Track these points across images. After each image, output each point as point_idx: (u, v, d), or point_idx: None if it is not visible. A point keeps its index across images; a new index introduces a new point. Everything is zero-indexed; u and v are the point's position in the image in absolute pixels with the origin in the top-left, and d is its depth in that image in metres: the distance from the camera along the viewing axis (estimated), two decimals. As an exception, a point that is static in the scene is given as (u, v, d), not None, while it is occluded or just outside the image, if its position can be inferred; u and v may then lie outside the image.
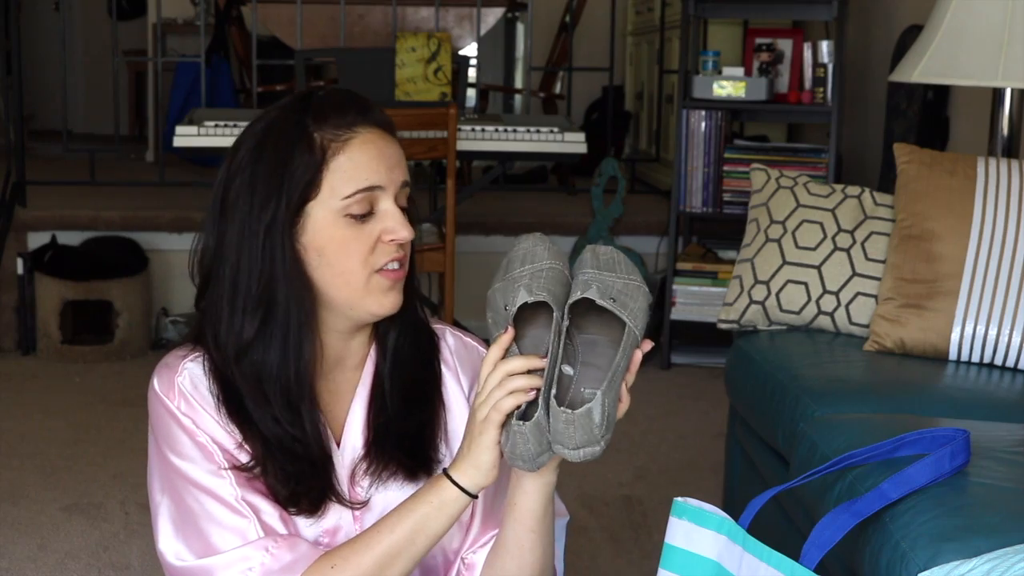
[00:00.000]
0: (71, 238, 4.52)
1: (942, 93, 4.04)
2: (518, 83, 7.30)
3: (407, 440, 1.45)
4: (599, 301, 1.31)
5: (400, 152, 1.43)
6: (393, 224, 1.39)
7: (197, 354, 1.43)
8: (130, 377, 4.16)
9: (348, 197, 1.37)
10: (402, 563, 1.37)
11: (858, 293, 2.58)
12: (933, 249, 2.45)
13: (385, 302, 1.41)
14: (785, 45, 4.44)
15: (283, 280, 1.38)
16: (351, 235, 1.38)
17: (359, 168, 1.38)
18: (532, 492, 1.41)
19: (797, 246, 2.65)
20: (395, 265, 1.41)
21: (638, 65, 6.48)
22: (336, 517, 1.43)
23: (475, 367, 1.51)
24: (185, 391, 1.41)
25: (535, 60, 5.84)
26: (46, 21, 7.87)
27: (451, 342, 1.54)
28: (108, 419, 3.69)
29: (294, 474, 1.39)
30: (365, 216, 1.39)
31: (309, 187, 1.37)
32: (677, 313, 4.29)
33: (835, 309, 2.59)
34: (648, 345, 1.36)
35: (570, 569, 2.63)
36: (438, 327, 1.54)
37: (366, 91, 1.50)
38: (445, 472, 1.38)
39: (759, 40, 4.46)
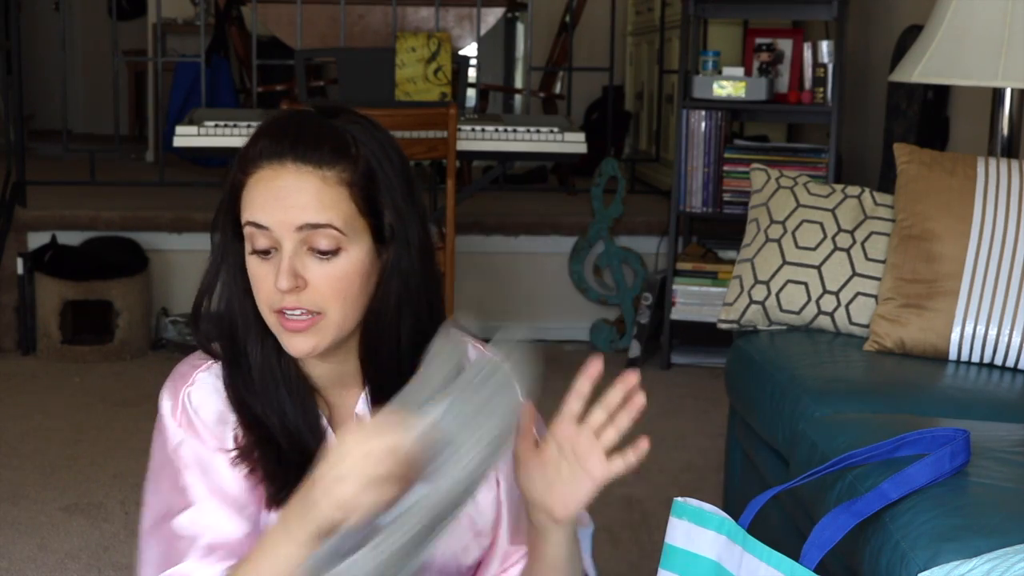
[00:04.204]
0: (71, 238, 4.52)
1: (942, 93, 4.04)
2: (518, 83, 7.30)
3: None
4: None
5: (314, 191, 1.29)
6: (279, 269, 1.29)
7: (210, 362, 1.40)
8: (130, 377, 4.16)
9: (243, 227, 1.33)
10: None
11: (858, 293, 2.58)
12: (933, 249, 2.45)
13: (289, 345, 1.32)
14: (785, 45, 4.43)
15: (227, 285, 1.38)
16: (258, 269, 1.32)
17: (251, 202, 1.32)
18: (557, 541, 1.36)
19: (797, 246, 2.65)
20: (292, 312, 1.30)
21: (638, 65, 6.48)
22: None
23: None
24: (188, 407, 1.37)
25: (535, 60, 5.84)
26: (46, 21, 7.86)
27: (471, 355, 1.46)
28: (108, 419, 3.69)
29: (284, 470, 1.35)
30: (266, 252, 1.31)
31: (233, 210, 1.35)
32: (677, 313, 4.29)
33: (835, 309, 2.59)
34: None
35: (570, 569, 2.63)
36: None
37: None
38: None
39: (759, 40, 4.45)
